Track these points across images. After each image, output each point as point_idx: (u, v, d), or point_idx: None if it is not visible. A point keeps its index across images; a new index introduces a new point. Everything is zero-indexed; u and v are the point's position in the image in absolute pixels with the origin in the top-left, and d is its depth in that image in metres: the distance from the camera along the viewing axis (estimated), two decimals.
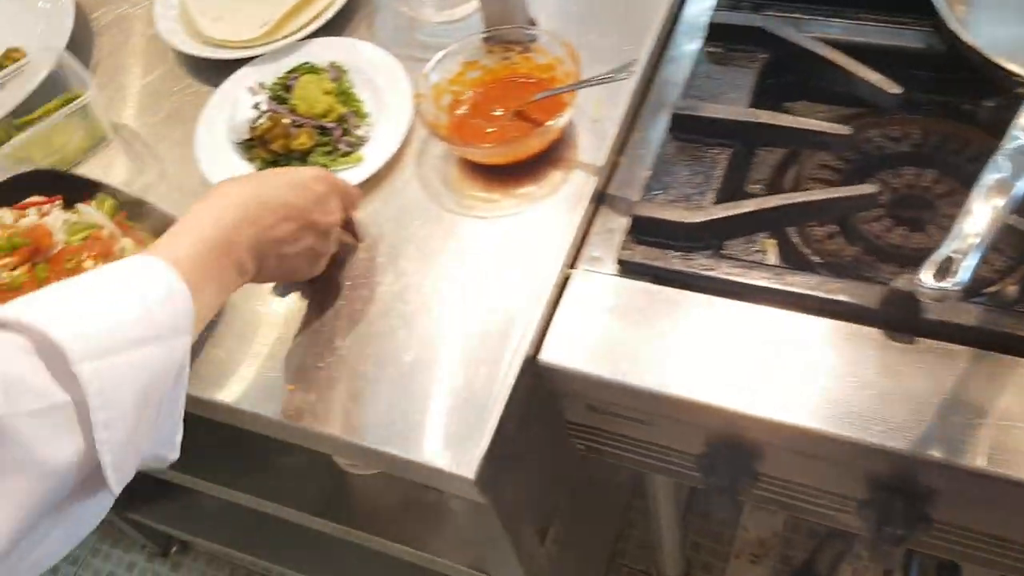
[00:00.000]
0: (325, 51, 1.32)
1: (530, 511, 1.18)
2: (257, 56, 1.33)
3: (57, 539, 0.66)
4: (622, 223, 1.07)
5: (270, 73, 1.30)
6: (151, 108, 1.36)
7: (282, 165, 1.20)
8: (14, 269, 1.15)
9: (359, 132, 1.23)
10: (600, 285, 1.02)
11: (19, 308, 0.67)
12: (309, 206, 0.94)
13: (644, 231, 1.03)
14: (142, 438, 0.70)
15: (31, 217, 1.22)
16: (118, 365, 0.66)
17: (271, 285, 1.09)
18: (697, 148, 1.10)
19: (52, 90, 1.31)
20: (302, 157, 1.21)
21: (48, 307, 0.68)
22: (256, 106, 1.24)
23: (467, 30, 1.24)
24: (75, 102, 1.26)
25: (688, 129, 1.12)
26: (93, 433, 0.64)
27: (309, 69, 1.29)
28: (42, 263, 1.16)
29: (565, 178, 1.12)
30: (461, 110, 1.20)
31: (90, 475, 0.66)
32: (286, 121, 1.21)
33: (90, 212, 1.23)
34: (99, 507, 0.69)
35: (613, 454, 1.11)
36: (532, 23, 1.27)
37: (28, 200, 1.24)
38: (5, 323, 0.65)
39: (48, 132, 1.27)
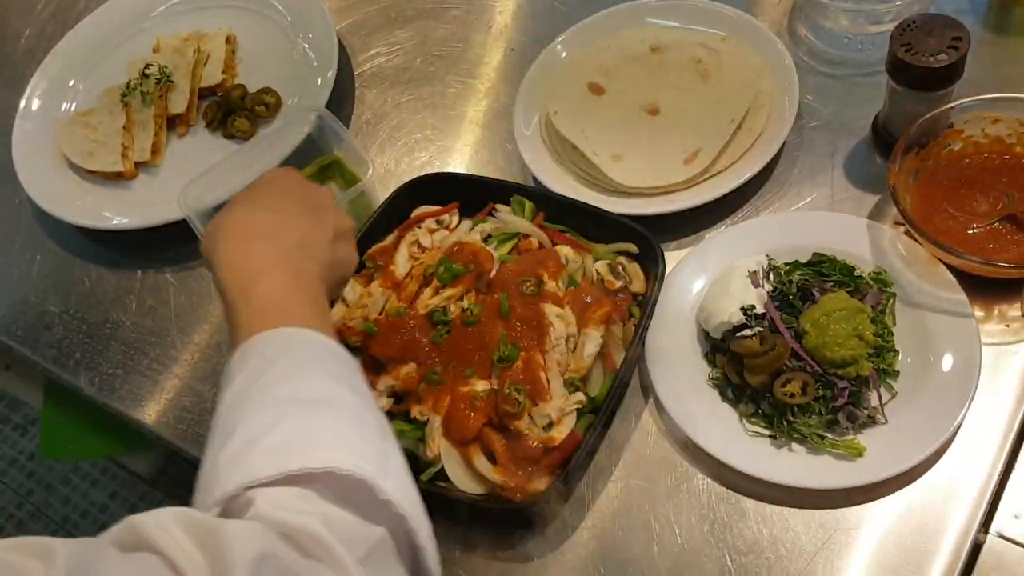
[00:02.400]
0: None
1: None
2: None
3: None
4: None
5: (770, 244, 0.97)
6: None
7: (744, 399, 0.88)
8: (461, 299, 0.97)
9: (872, 404, 0.85)
10: None
11: (311, 455, 0.60)
12: (325, 205, 0.85)
13: None
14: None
15: (441, 232, 1.04)
16: (397, 467, 0.65)
17: None
18: None
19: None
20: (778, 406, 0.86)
21: (326, 442, 0.62)
22: (747, 311, 0.90)
23: None
24: (355, 187, 1.07)
25: None
26: (422, 559, 0.63)
27: (846, 279, 0.92)
28: (491, 290, 0.96)
29: None
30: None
31: None
32: (782, 352, 0.86)
33: (511, 219, 1.04)
34: None
35: None
36: None
37: (421, 212, 1.06)
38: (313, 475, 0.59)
39: None
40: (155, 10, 1.41)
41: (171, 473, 2.25)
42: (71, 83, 1.35)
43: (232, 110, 1.25)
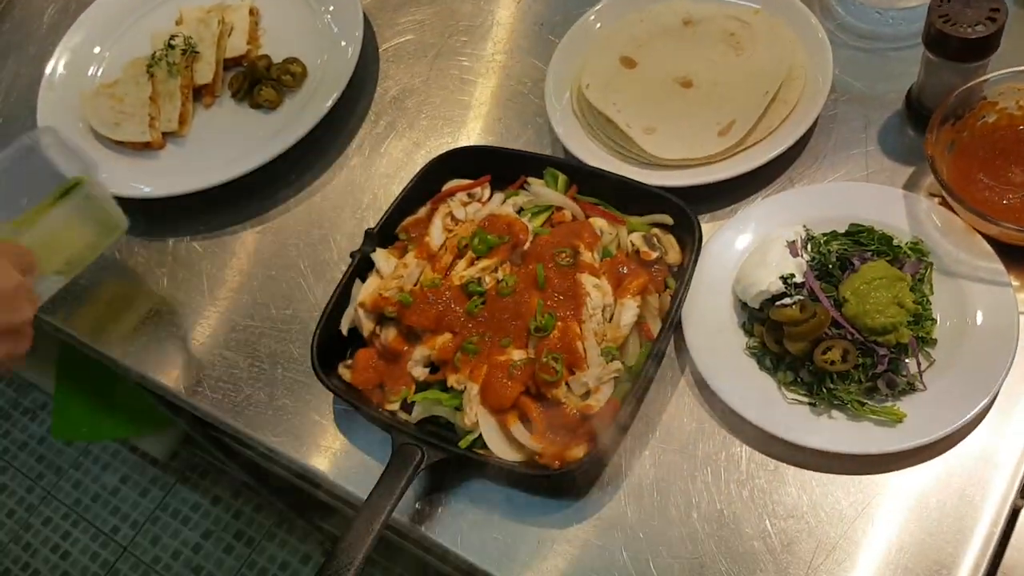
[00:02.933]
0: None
1: None
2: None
3: None
4: None
5: (806, 215, 0.97)
6: None
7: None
8: (496, 270, 0.98)
9: (911, 371, 0.86)
10: None
11: None
12: None
13: None
14: None
15: (473, 205, 1.05)
16: None
17: None
18: None
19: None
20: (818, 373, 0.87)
21: None
22: (787, 280, 0.90)
23: None
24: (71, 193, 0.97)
25: None
26: None
27: (884, 249, 0.92)
28: (526, 262, 0.97)
29: None
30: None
31: None
32: (823, 320, 0.87)
33: (544, 191, 1.04)
34: None
35: None
36: None
37: (452, 185, 1.06)
38: None
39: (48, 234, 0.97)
40: None
41: (183, 456, 2.27)
42: (96, 50, 1.36)
43: (258, 80, 1.25)
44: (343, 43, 1.24)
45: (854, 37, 1.13)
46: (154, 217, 1.19)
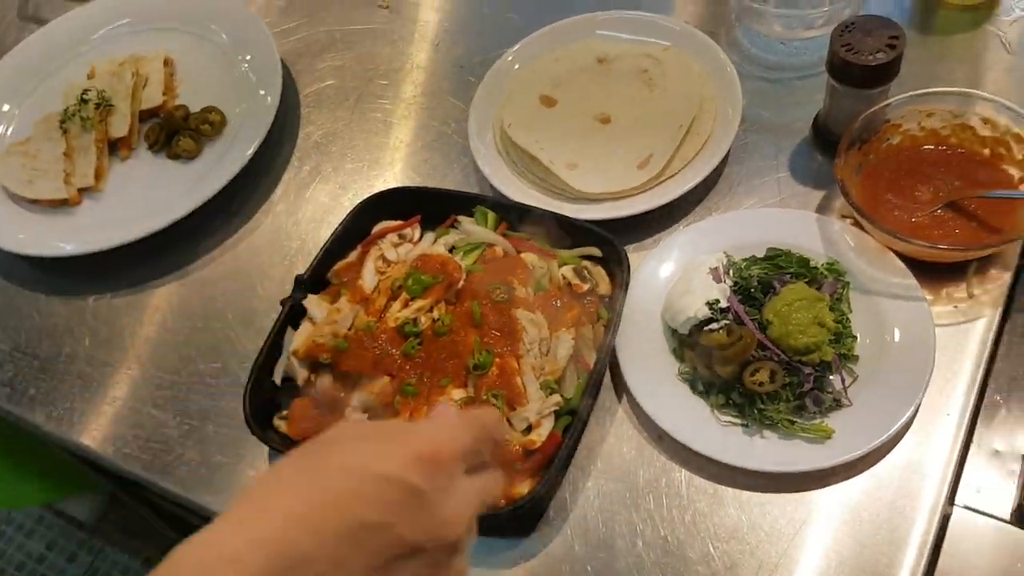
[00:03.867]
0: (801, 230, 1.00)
1: None
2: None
3: None
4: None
5: (726, 242, 1.00)
6: None
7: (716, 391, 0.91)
8: (431, 310, 0.97)
9: (836, 388, 0.89)
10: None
11: None
12: (394, 518, 0.53)
13: None
14: None
15: (405, 246, 1.05)
16: None
17: None
18: None
19: None
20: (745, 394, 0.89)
21: None
22: (712, 306, 0.93)
23: None
24: None
25: None
26: None
27: (802, 271, 0.96)
28: (461, 300, 0.97)
29: None
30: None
31: None
32: (749, 342, 0.89)
33: (475, 229, 1.05)
34: None
35: None
36: None
37: (382, 227, 1.06)
38: None
39: None
40: (89, 37, 1.39)
41: (112, 518, 2.18)
42: (5, 108, 1.32)
43: (175, 130, 1.23)
44: (262, 92, 1.24)
45: (761, 68, 1.18)
46: (73, 274, 1.16)
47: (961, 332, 0.93)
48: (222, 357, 1.07)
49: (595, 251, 1.01)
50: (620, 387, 0.96)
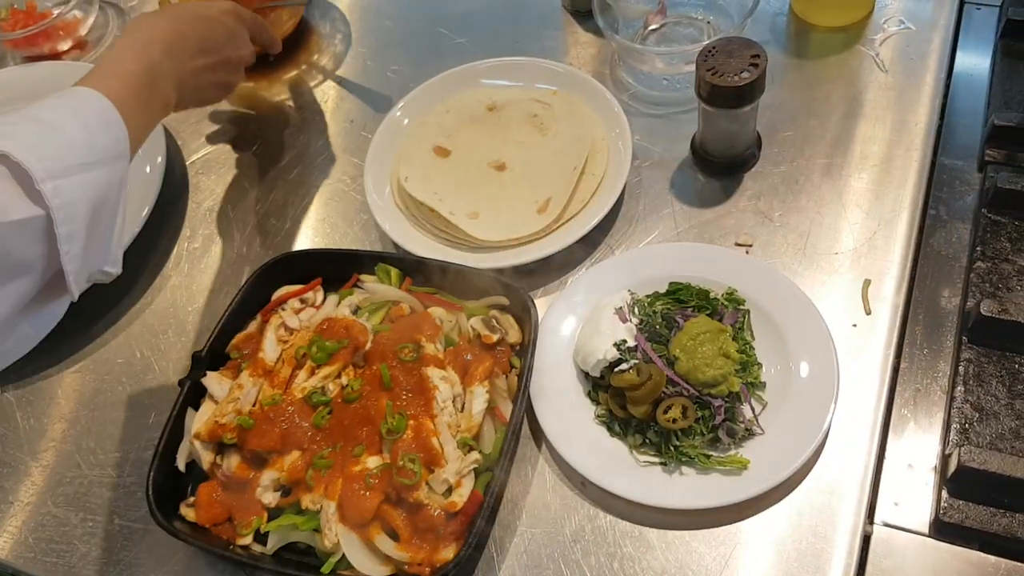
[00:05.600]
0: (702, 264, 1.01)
1: None
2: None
3: (23, 335, 0.82)
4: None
5: (629, 280, 1.01)
6: None
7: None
8: (339, 376, 0.95)
9: (747, 417, 0.90)
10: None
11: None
12: (222, 41, 1.06)
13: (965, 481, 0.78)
14: (94, 251, 0.83)
15: (307, 311, 1.02)
16: (74, 185, 0.79)
17: None
18: None
19: None
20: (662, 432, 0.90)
21: (14, 136, 0.77)
22: (620, 347, 0.93)
23: None
24: None
25: None
26: (58, 244, 0.77)
27: (703, 303, 0.97)
28: (369, 363, 0.95)
29: None
30: None
31: (52, 281, 0.81)
32: (659, 380, 0.90)
33: (378, 288, 1.03)
34: (59, 308, 0.85)
35: None
36: None
37: (282, 293, 1.04)
38: None
39: None
40: None
41: None
42: None
43: None
44: (145, 165, 1.20)
45: (647, 105, 1.20)
46: None
47: (863, 349, 0.95)
48: (123, 445, 1.02)
49: (503, 300, 1.00)
50: (539, 435, 0.95)
